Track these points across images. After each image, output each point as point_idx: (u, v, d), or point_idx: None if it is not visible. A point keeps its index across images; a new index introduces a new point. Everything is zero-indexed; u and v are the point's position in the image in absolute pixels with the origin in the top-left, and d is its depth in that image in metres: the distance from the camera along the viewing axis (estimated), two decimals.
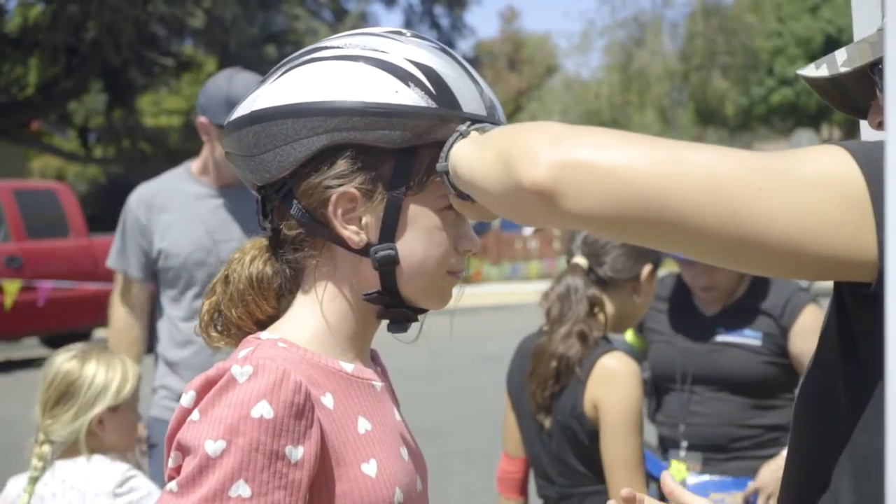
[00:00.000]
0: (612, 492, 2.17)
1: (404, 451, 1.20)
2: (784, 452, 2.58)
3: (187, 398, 1.07)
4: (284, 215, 1.18)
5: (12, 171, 18.37)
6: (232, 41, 18.79)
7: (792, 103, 26.87)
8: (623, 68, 28.17)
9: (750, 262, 0.95)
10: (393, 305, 1.19)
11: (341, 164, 1.13)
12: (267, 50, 20.01)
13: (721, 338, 2.86)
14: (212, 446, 1.00)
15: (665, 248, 1.00)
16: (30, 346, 12.28)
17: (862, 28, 1.42)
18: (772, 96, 27.27)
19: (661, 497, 2.78)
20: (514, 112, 42.20)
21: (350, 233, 1.15)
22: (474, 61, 34.96)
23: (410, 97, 1.12)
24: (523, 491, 2.55)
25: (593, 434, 2.23)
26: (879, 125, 1.14)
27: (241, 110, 1.18)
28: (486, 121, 1.16)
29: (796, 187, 0.90)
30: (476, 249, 1.22)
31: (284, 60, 1.20)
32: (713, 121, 29.80)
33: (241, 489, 1.00)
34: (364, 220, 1.15)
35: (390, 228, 1.15)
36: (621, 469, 2.16)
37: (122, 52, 17.70)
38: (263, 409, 1.02)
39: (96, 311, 10.84)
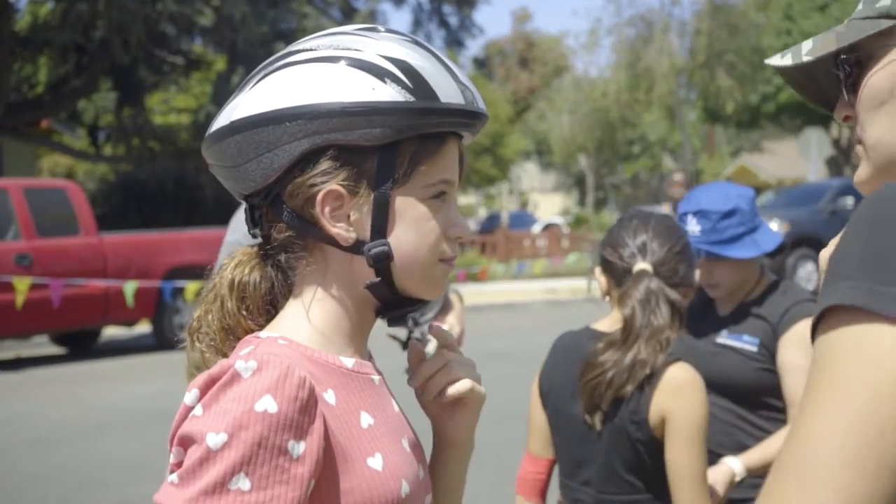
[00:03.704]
0: None
1: (405, 442, 1.22)
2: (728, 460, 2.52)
3: (190, 396, 1.07)
4: (273, 220, 1.19)
5: (22, 169, 18.44)
6: (241, 39, 18.81)
7: (801, 102, 26.79)
8: (630, 66, 28.08)
9: None
10: (391, 299, 1.20)
11: (324, 164, 1.14)
12: (276, 48, 19.99)
13: (721, 339, 2.79)
14: (213, 439, 1.00)
15: None
16: (40, 344, 12.34)
17: None
18: (780, 94, 27.23)
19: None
20: (525, 110, 42.10)
21: (339, 230, 1.15)
22: (485, 60, 34.91)
23: (388, 93, 1.12)
24: (544, 495, 2.44)
25: (650, 443, 2.14)
26: (845, 118, 1.12)
27: (221, 121, 1.18)
28: (465, 110, 1.17)
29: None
30: (467, 236, 1.23)
31: (260, 66, 1.20)
32: (721, 119, 29.75)
33: (241, 482, 1.00)
34: (353, 217, 1.16)
35: (380, 224, 1.16)
36: (691, 482, 2.08)
37: (131, 51, 17.71)
38: (268, 404, 1.02)
39: (106, 309, 10.90)
